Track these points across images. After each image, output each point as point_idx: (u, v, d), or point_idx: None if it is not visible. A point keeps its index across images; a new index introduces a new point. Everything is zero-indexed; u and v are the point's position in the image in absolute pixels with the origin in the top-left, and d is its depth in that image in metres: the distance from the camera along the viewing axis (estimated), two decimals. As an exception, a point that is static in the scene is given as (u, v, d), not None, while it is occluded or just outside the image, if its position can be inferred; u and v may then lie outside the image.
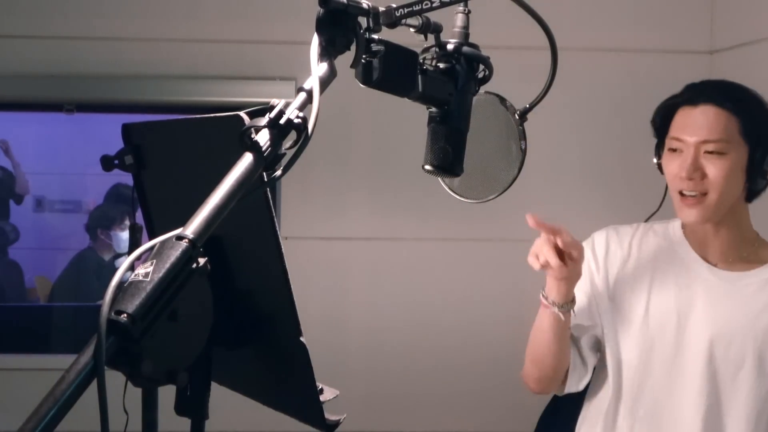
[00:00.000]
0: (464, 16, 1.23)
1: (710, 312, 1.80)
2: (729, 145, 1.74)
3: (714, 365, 1.77)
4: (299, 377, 1.16)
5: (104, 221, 4.54)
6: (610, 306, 1.86)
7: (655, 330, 1.82)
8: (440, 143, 1.22)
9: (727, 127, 1.74)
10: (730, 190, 1.75)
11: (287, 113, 0.98)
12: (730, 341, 1.77)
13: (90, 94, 3.09)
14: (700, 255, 1.85)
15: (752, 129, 1.75)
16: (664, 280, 1.85)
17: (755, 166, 1.75)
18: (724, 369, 1.77)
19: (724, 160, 1.74)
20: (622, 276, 1.87)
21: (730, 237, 1.83)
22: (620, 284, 1.86)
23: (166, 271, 0.89)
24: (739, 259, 1.83)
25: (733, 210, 1.81)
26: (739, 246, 1.84)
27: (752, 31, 2.80)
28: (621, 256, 1.88)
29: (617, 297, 1.86)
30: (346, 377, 3.03)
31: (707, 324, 1.79)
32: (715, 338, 1.78)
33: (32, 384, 1.71)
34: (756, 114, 1.77)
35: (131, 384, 0.96)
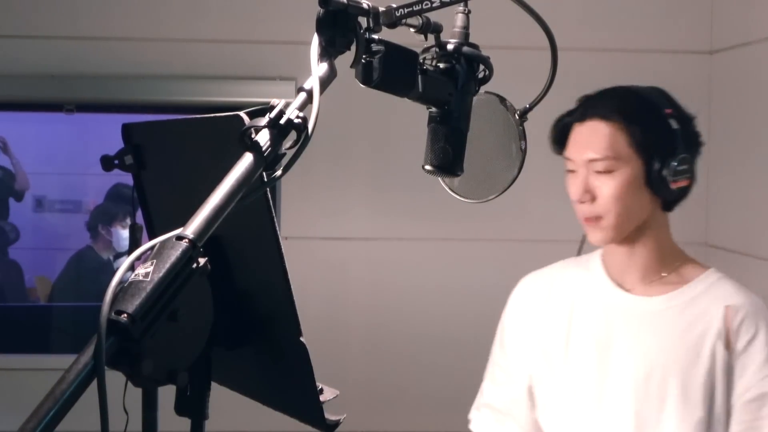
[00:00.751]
0: (464, 16, 1.23)
1: (629, 345, 1.66)
2: (618, 162, 1.61)
3: (638, 403, 1.64)
4: (299, 377, 1.16)
5: (106, 218, 4.54)
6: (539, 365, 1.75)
7: (577, 372, 1.70)
8: (440, 143, 1.22)
9: (615, 142, 1.61)
10: (627, 209, 1.62)
11: (287, 113, 0.98)
12: (650, 375, 1.63)
13: (90, 94, 3.09)
14: (617, 282, 1.72)
15: (644, 140, 1.62)
16: (582, 316, 1.72)
17: (654, 179, 1.61)
18: (648, 406, 1.63)
19: (614, 179, 1.61)
20: (541, 329, 1.75)
21: (646, 258, 1.69)
22: (540, 337, 1.75)
23: (166, 271, 0.89)
24: (659, 281, 1.69)
25: (648, 226, 1.68)
26: (659, 266, 1.70)
27: (752, 31, 2.80)
28: (535, 315, 1.77)
29: (541, 350, 1.74)
30: (346, 377, 3.03)
31: (627, 359, 1.66)
32: (636, 374, 1.64)
33: (32, 384, 1.71)
34: (648, 123, 1.63)
35: (131, 384, 0.96)
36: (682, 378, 1.62)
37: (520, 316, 1.80)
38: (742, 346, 1.61)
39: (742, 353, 1.61)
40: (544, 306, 1.77)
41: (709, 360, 1.61)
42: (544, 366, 1.74)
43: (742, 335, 1.62)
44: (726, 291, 1.67)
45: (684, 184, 1.63)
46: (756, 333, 1.62)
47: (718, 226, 3.00)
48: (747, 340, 1.61)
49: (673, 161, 1.60)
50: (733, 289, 1.68)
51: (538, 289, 1.80)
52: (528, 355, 1.76)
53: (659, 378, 1.63)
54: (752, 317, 1.63)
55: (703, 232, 3.04)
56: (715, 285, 1.69)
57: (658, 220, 1.70)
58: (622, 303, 1.69)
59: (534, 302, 1.79)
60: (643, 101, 1.65)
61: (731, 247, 2.91)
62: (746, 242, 2.81)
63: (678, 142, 1.62)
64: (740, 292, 1.68)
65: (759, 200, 2.73)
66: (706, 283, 1.69)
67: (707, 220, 3.03)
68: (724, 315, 1.63)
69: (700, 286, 1.68)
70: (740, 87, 2.89)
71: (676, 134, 1.62)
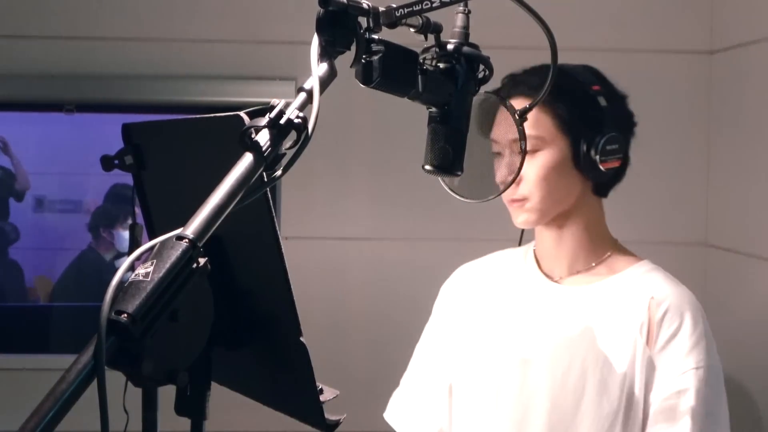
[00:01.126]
0: (464, 16, 1.24)
1: (551, 338, 1.58)
2: (542, 142, 1.54)
3: (555, 397, 1.56)
4: (299, 377, 1.16)
5: (107, 220, 4.55)
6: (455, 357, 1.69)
7: (500, 364, 1.62)
8: (440, 143, 1.22)
9: (539, 121, 1.54)
10: (553, 191, 1.54)
11: (287, 113, 0.98)
12: (569, 368, 1.55)
13: (90, 94, 3.08)
14: (545, 271, 1.64)
15: (570, 118, 1.54)
16: (509, 308, 1.65)
17: (583, 159, 1.53)
18: (565, 399, 1.55)
19: (539, 160, 1.54)
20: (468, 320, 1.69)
21: (574, 246, 1.61)
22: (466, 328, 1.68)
23: (166, 271, 0.89)
24: (587, 271, 1.61)
25: (576, 212, 1.60)
26: (587, 255, 1.61)
27: (752, 31, 2.80)
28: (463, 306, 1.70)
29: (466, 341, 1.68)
30: (346, 377, 3.03)
31: (548, 352, 1.58)
32: (555, 367, 1.56)
33: (32, 384, 1.71)
34: (574, 101, 1.55)
35: (131, 384, 0.96)
36: (600, 372, 1.53)
37: (448, 306, 1.74)
38: (664, 340, 1.52)
39: (663, 348, 1.52)
40: (472, 296, 1.70)
41: (629, 355, 1.53)
42: (467, 358, 1.67)
43: (664, 329, 1.52)
44: (653, 283, 1.58)
45: (615, 165, 1.54)
46: (679, 327, 1.52)
47: (718, 226, 3.00)
48: (669, 335, 1.52)
49: (602, 140, 1.52)
50: (660, 281, 1.59)
51: (468, 280, 1.73)
52: (451, 346, 1.70)
53: (578, 371, 1.54)
54: (676, 310, 1.53)
55: (703, 232, 3.03)
56: (643, 277, 1.60)
57: (589, 205, 1.61)
58: (548, 294, 1.61)
59: (463, 293, 1.73)
60: (569, 78, 1.57)
61: (731, 247, 2.90)
62: (746, 242, 2.81)
63: (606, 120, 1.54)
64: (667, 284, 1.59)
65: (759, 200, 2.73)
66: (634, 274, 1.60)
67: (707, 220, 3.03)
68: (648, 308, 1.54)
69: (628, 278, 1.60)
70: (740, 87, 2.89)
71: (605, 112, 1.55)
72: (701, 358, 1.51)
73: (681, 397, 1.49)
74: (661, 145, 3.00)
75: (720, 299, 2.96)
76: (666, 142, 3.02)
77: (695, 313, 1.54)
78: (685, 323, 1.52)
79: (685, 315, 1.53)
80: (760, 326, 2.69)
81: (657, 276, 1.60)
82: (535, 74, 1.57)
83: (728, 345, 2.93)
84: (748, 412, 2.70)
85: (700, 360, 1.50)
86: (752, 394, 2.70)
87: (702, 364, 1.50)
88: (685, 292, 1.58)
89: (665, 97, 3.04)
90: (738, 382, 2.75)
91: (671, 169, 3.04)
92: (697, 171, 3.04)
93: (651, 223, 2.99)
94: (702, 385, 1.50)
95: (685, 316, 1.53)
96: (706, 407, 1.50)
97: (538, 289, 1.63)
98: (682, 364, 1.50)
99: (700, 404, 1.49)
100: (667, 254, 1.70)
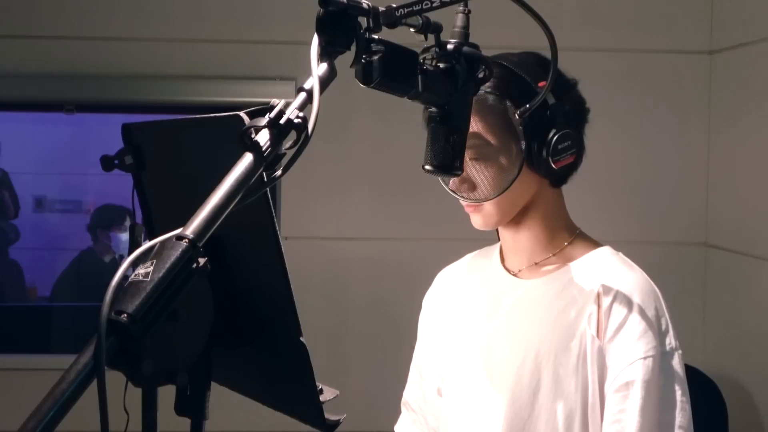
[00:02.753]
0: (464, 16, 1.24)
1: (510, 333, 1.54)
2: (490, 147, 1.47)
3: (512, 393, 1.51)
4: (299, 377, 1.16)
5: (105, 222, 4.55)
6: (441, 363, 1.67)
7: (468, 364, 1.59)
8: (440, 143, 1.22)
9: (485, 126, 1.47)
10: (507, 194, 1.48)
11: (287, 113, 0.98)
12: (524, 364, 1.50)
13: (90, 94, 3.09)
14: (507, 266, 1.60)
15: (507, 124, 1.45)
16: (476, 306, 1.61)
17: (534, 161, 1.46)
18: (521, 396, 1.50)
19: (490, 166, 1.47)
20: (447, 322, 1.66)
21: (532, 239, 1.56)
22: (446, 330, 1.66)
23: (166, 271, 0.88)
24: (545, 261, 1.56)
25: (534, 206, 1.54)
26: (546, 246, 1.56)
27: (752, 31, 2.80)
28: (442, 309, 1.68)
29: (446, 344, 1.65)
30: (346, 377, 3.03)
31: (507, 347, 1.53)
32: (512, 363, 1.52)
33: (32, 384, 1.71)
34: (522, 102, 1.44)
35: (131, 384, 0.96)
36: (553, 366, 1.47)
37: (430, 311, 1.74)
38: (612, 330, 1.45)
39: (611, 339, 1.45)
40: (450, 299, 1.68)
41: (579, 346, 1.46)
42: (447, 361, 1.64)
43: (612, 318, 1.45)
44: (606, 270, 1.51)
45: (569, 160, 1.49)
46: (627, 315, 1.45)
47: (718, 226, 3.00)
48: (617, 324, 1.45)
49: (553, 139, 1.45)
50: (614, 267, 1.51)
51: (446, 283, 1.72)
52: (436, 350, 1.69)
53: (532, 367, 1.49)
54: (623, 298, 1.46)
55: (703, 232, 3.03)
56: (596, 264, 1.53)
57: (546, 198, 1.54)
58: (508, 288, 1.57)
59: (441, 296, 1.71)
60: (514, 77, 1.47)
61: (731, 247, 2.91)
62: (746, 242, 2.81)
63: (556, 117, 1.47)
64: (618, 270, 1.51)
65: (759, 200, 2.73)
66: (588, 262, 1.53)
67: (707, 220, 3.03)
68: (596, 296, 1.47)
69: (582, 266, 1.53)
70: (740, 87, 2.89)
71: (553, 109, 1.47)
72: (650, 346, 1.44)
73: (629, 388, 1.43)
74: (661, 145, 3.00)
75: (720, 299, 2.96)
76: (666, 142, 3.02)
77: (645, 299, 1.47)
78: (633, 311, 1.45)
79: (634, 302, 1.46)
80: (760, 326, 2.69)
81: (611, 262, 1.53)
82: None
83: (728, 345, 2.93)
84: (748, 412, 2.70)
85: (648, 349, 1.43)
86: (752, 394, 2.70)
87: (651, 353, 1.44)
88: (638, 277, 1.50)
89: (665, 97, 3.04)
90: (738, 382, 2.75)
91: (671, 169, 3.04)
92: (697, 171, 3.04)
93: (651, 223, 2.99)
94: (651, 375, 1.43)
95: (634, 304, 1.45)
96: (657, 396, 1.43)
97: (498, 284, 1.59)
98: (629, 354, 1.44)
99: (649, 395, 1.43)
100: (667, 254, 1.70)
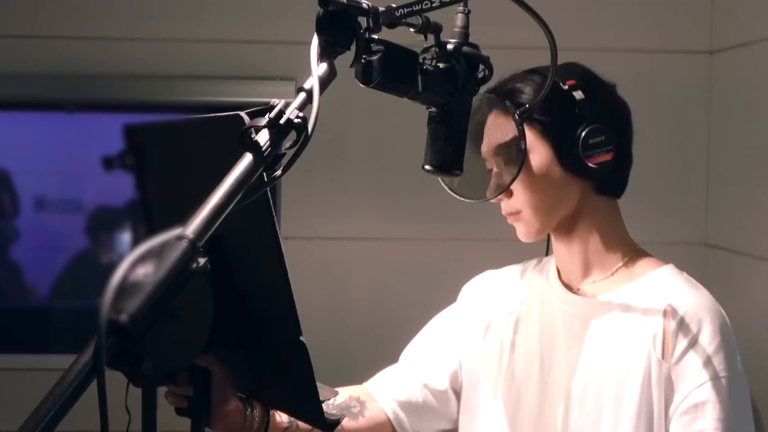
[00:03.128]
0: (464, 16, 1.24)
1: (569, 353, 1.48)
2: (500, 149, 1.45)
3: (574, 417, 1.45)
4: (299, 377, 1.16)
5: (103, 222, 4.54)
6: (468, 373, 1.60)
7: (521, 380, 1.52)
8: (440, 143, 1.22)
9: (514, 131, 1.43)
10: (545, 198, 1.45)
11: (287, 113, 0.98)
12: (585, 385, 1.44)
13: (90, 94, 3.08)
14: (564, 281, 1.54)
15: (547, 122, 1.45)
16: (529, 320, 1.55)
17: (566, 159, 1.43)
18: (584, 421, 1.44)
19: (523, 170, 1.43)
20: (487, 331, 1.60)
21: (587, 250, 1.50)
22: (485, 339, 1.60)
23: (166, 271, 0.89)
24: (606, 279, 1.50)
25: (582, 215, 1.49)
26: (604, 260, 1.50)
27: (752, 31, 2.80)
28: (484, 306, 1.63)
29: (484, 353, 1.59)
30: (346, 377, 3.03)
31: (565, 366, 1.47)
32: (572, 383, 1.46)
33: (32, 384, 1.71)
34: (548, 100, 1.41)
35: (131, 384, 0.96)
36: (616, 389, 1.42)
37: (470, 305, 1.67)
38: (680, 352, 1.40)
39: (679, 360, 1.40)
40: (493, 306, 1.62)
41: (644, 368, 1.41)
42: (482, 366, 1.59)
43: (680, 339, 1.40)
44: (670, 289, 1.45)
45: (604, 158, 1.44)
46: (696, 337, 1.40)
47: (718, 226, 3.00)
48: (685, 346, 1.40)
49: (582, 134, 1.42)
50: (679, 286, 1.46)
51: (492, 288, 1.66)
52: (463, 346, 1.63)
53: (595, 389, 1.44)
54: (692, 318, 1.41)
55: (703, 232, 3.03)
56: (662, 283, 1.47)
57: (596, 207, 1.50)
58: (566, 305, 1.51)
59: (484, 301, 1.65)
60: (539, 78, 1.47)
61: (731, 247, 2.90)
62: (746, 242, 2.81)
63: (585, 113, 1.44)
64: (685, 289, 1.46)
65: (759, 200, 2.73)
66: (653, 280, 1.48)
67: (707, 220, 3.03)
68: (662, 317, 1.42)
69: (646, 285, 1.47)
70: (740, 87, 2.89)
71: (581, 105, 1.45)
72: (722, 368, 1.39)
73: (699, 410, 1.38)
74: (661, 145, 3.00)
75: (720, 299, 2.96)
76: (666, 142, 3.02)
77: (714, 321, 1.42)
78: (703, 332, 1.40)
79: (703, 323, 1.41)
80: (760, 326, 2.69)
81: (676, 281, 1.48)
82: (509, 84, 1.50)
83: (728, 345, 2.93)
84: (748, 412, 2.70)
85: (720, 370, 1.39)
86: (752, 394, 2.70)
87: (723, 374, 1.39)
88: (705, 297, 1.46)
89: (665, 97, 3.04)
90: (738, 382, 2.75)
91: (671, 169, 3.04)
92: (697, 171, 3.04)
93: (651, 223, 2.99)
94: (723, 397, 1.39)
95: (703, 324, 1.40)
96: (727, 421, 1.39)
97: (558, 301, 1.53)
98: (699, 375, 1.39)
99: (721, 418, 1.38)
100: (667, 254, 1.69)
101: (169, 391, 1.26)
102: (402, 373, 1.66)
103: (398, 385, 1.65)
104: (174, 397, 1.27)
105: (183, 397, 1.27)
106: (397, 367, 1.69)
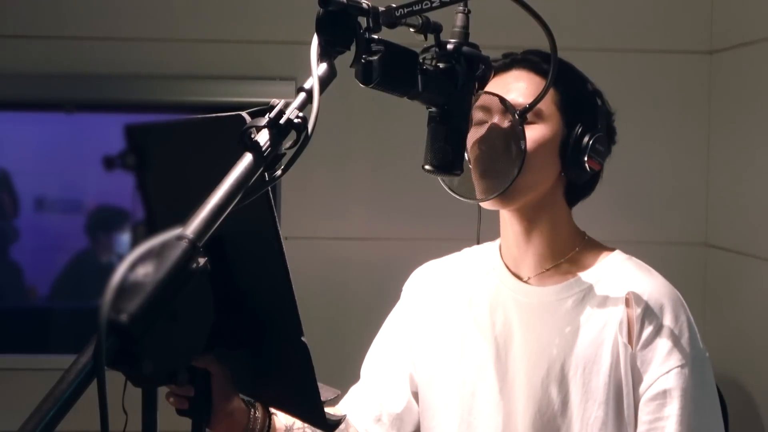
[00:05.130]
0: (464, 15, 1.24)
1: (526, 342, 1.50)
2: (537, 116, 1.46)
3: (538, 406, 1.48)
4: (300, 377, 1.16)
5: (103, 222, 4.54)
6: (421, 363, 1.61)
7: (476, 373, 1.54)
8: (440, 143, 1.22)
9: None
10: (533, 168, 1.44)
11: (287, 113, 0.98)
12: (547, 375, 1.47)
13: (90, 94, 3.08)
14: (513, 271, 1.56)
15: (570, 103, 1.48)
16: (479, 311, 1.56)
17: (572, 147, 1.46)
18: (549, 409, 1.47)
19: (535, 130, 1.46)
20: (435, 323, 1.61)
21: (543, 242, 1.52)
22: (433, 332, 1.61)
23: (166, 271, 0.88)
24: (556, 268, 1.53)
25: (546, 208, 1.51)
26: (557, 252, 1.53)
27: (752, 31, 2.80)
28: (429, 300, 1.64)
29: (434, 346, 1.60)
30: (346, 377, 3.03)
31: (524, 356, 1.50)
32: (533, 374, 1.48)
33: (32, 384, 1.71)
34: (576, 89, 1.49)
35: (131, 384, 0.96)
36: (583, 377, 1.46)
37: (412, 304, 1.67)
38: (646, 338, 1.44)
39: (645, 346, 1.44)
40: (439, 296, 1.63)
41: (611, 355, 1.45)
42: (435, 363, 1.60)
43: (646, 326, 1.45)
44: (629, 276, 1.50)
45: (594, 167, 1.48)
46: (660, 323, 1.45)
47: (718, 226, 3.00)
48: (651, 332, 1.44)
49: (594, 135, 1.47)
50: (637, 272, 1.51)
51: (434, 279, 1.67)
52: (414, 346, 1.64)
53: (559, 378, 1.47)
54: (656, 304, 1.46)
55: (703, 232, 3.04)
56: (617, 269, 1.52)
57: (558, 206, 1.53)
58: (519, 295, 1.53)
59: (428, 292, 1.65)
60: (572, 70, 1.52)
61: (731, 247, 2.91)
62: (746, 242, 2.81)
63: (600, 120, 1.50)
64: (645, 275, 1.51)
65: (759, 200, 2.73)
66: (606, 268, 1.52)
67: (707, 220, 3.03)
68: (626, 303, 1.46)
69: (600, 273, 1.51)
70: (740, 87, 2.89)
71: (601, 111, 1.51)
72: (686, 354, 1.45)
73: (667, 396, 1.43)
74: (661, 145, 3.00)
75: (720, 299, 2.96)
76: (666, 142, 3.02)
77: (675, 305, 1.47)
78: (665, 317, 1.45)
79: (665, 308, 1.46)
80: (760, 326, 2.69)
81: (630, 268, 1.52)
82: (543, 56, 1.50)
83: (728, 345, 2.93)
84: (748, 412, 2.70)
85: (684, 356, 1.44)
86: (752, 394, 2.70)
87: (686, 360, 1.44)
88: (663, 283, 1.51)
89: (665, 97, 3.04)
90: (738, 382, 2.75)
91: (671, 169, 3.04)
92: (697, 171, 3.04)
93: (651, 223, 2.99)
94: (688, 383, 1.44)
95: (666, 310, 1.46)
96: (693, 404, 1.44)
97: (509, 291, 1.55)
98: (666, 362, 1.44)
99: (687, 403, 1.43)
100: (667, 254, 1.70)
101: (171, 392, 1.27)
102: (366, 393, 1.67)
103: (367, 406, 1.66)
104: (175, 397, 1.27)
105: (184, 397, 1.27)
106: (361, 386, 1.69)
